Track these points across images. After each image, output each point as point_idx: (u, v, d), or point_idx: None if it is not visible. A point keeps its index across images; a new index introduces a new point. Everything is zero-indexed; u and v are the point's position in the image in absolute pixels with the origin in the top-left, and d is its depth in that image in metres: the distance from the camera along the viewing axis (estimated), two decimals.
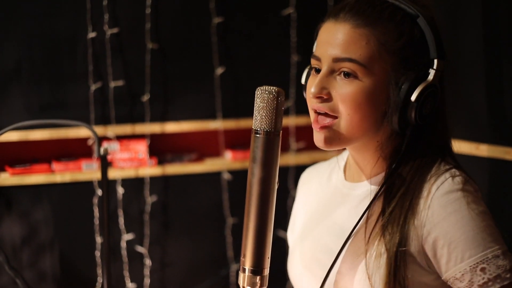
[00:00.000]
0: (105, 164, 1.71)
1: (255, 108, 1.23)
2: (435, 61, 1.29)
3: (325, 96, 1.31)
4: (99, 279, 2.10)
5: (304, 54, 2.29)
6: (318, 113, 1.33)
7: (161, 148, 2.21)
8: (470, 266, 1.24)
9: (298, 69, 2.28)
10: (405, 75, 1.28)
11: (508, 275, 1.23)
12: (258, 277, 1.23)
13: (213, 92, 2.20)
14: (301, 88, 2.24)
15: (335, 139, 1.32)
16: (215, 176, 2.24)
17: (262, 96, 1.23)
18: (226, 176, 2.23)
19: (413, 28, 1.30)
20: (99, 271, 2.10)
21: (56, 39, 2.02)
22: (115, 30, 2.06)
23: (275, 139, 1.21)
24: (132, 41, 2.10)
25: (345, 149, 1.48)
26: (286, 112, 2.29)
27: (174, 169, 2.17)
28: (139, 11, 2.09)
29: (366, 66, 1.28)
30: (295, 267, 1.48)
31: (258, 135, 1.21)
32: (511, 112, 1.86)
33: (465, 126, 1.97)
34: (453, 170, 1.30)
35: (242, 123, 2.24)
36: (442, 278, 1.28)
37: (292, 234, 1.59)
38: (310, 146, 2.37)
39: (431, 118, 1.32)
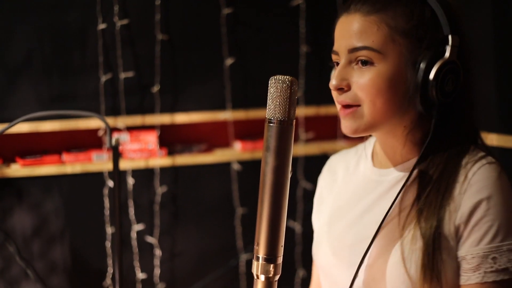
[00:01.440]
0: (117, 154, 1.72)
1: (269, 97, 1.23)
2: (449, 37, 1.30)
3: (345, 87, 1.32)
4: (109, 270, 2.11)
5: (313, 44, 2.29)
6: (343, 106, 1.35)
7: (171, 139, 2.21)
8: (484, 253, 1.25)
9: (307, 60, 2.28)
10: (421, 55, 1.29)
11: None
12: (271, 265, 1.24)
13: (223, 83, 2.21)
14: (310, 78, 2.27)
15: (361, 126, 1.34)
16: (224, 166, 2.24)
17: (276, 85, 1.24)
18: (236, 166, 2.24)
19: (423, 7, 1.31)
20: (110, 261, 2.11)
21: (66, 30, 2.03)
22: (125, 22, 2.06)
23: (288, 128, 1.21)
24: (142, 33, 2.10)
25: (371, 135, 1.50)
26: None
27: (184, 159, 2.18)
28: (149, 2, 2.09)
29: (381, 51, 1.29)
30: (323, 254, 1.48)
31: (271, 124, 1.22)
32: None
33: None
34: (489, 157, 1.31)
35: (251, 114, 2.25)
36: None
37: (318, 221, 1.59)
38: (319, 136, 2.38)
39: (456, 96, 1.32)
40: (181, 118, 2.17)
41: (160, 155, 2.15)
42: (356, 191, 1.48)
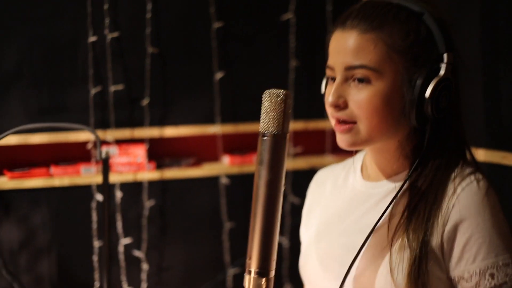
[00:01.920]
0: (107, 167, 1.72)
1: (262, 110, 1.24)
2: (445, 55, 1.31)
3: (341, 104, 1.33)
4: (96, 284, 2.10)
5: (302, 59, 2.30)
6: (339, 120, 1.36)
7: (159, 153, 2.21)
8: (480, 269, 1.27)
9: (297, 74, 2.29)
10: (417, 73, 1.31)
11: None
12: (264, 279, 1.24)
13: (212, 97, 2.21)
14: (299, 93, 2.28)
15: (357, 140, 1.35)
16: (213, 180, 2.24)
17: (270, 99, 1.24)
18: (224, 180, 2.23)
19: (419, 25, 1.32)
20: (96, 275, 2.09)
21: (56, 43, 2.02)
22: (115, 34, 2.06)
23: (282, 141, 1.22)
24: (132, 46, 2.10)
25: (359, 150, 1.51)
26: None
27: (172, 173, 2.18)
28: (140, 15, 2.09)
29: (378, 70, 1.30)
30: (310, 266, 1.49)
31: (265, 138, 1.22)
32: (507, 117, 1.88)
33: None
34: (477, 174, 1.33)
35: (240, 128, 2.25)
36: (449, 275, 1.31)
37: (306, 233, 1.60)
38: (307, 151, 2.38)
39: (448, 112, 1.34)
40: (170, 131, 2.17)
41: (149, 169, 2.14)
42: (345, 204, 1.49)
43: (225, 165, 2.25)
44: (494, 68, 1.91)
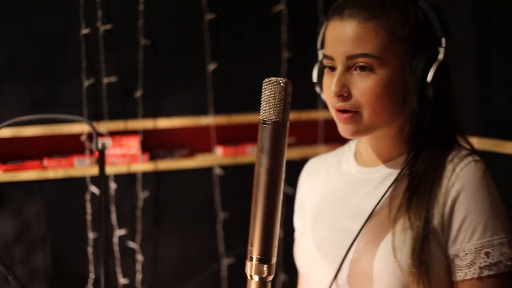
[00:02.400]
0: (103, 158, 1.72)
1: (263, 99, 1.25)
2: (443, 39, 1.33)
3: (345, 93, 1.35)
4: (91, 275, 2.10)
5: (294, 50, 2.31)
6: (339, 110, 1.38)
7: (153, 144, 2.21)
8: (476, 248, 1.30)
9: (289, 66, 2.30)
10: (417, 58, 1.33)
11: (509, 263, 1.30)
12: (265, 266, 1.25)
13: (205, 88, 2.21)
14: (293, 83, 2.28)
15: (360, 129, 1.37)
16: (206, 171, 2.25)
17: (270, 87, 1.25)
18: (218, 171, 2.24)
19: (416, 12, 1.35)
20: (91, 267, 2.10)
21: (49, 35, 2.02)
22: (108, 27, 2.06)
23: (282, 129, 1.23)
24: (125, 38, 2.10)
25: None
26: None
27: (166, 164, 2.18)
28: (132, 7, 2.09)
29: (380, 58, 1.32)
30: (306, 252, 1.50)
31: (266, 125, 1.23)
32: (499, 105, 1.90)
33: None
34: (474, 155, 1.36)
35: (233, 119, 2.26)
36: (446, 254, 1.33)
37: (301, 221, 1.61)
38: (300, 141, 2.40)
39: (446, 96, 1.36)
40: (164, 123, 2.17)
41: (143, 160, 2.15)
42: (340, 190, 1.51)
43: (218, 156, 2.26)
44: (486, 57, 1.93)
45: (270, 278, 1.26)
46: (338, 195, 1.51)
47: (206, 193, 2.26)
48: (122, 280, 2.14)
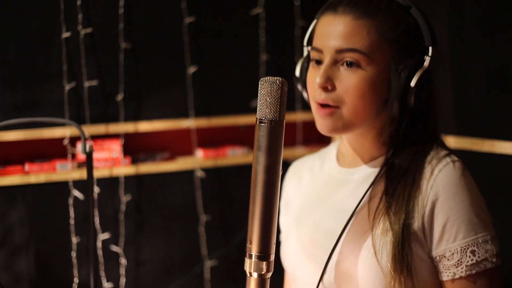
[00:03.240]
0: (91, 162, 1.72)
1: (259, 98, 1.27)
2: (430, 48, 1.37)
3: (329, 86, 1.37)
4: (75, 280, 2.09)
5: (272, 52, 2.34)
6: (321, 106, 1.40)
7: (134, 147, 2.21)
8: (461, 247, 1.33)
9: (267, 68, 2.33)
10: (403, 63, 1.36)
11: (494, 259, 1.34)
12: (264, 263, 1.27)
13: (186, 91, 2.22)
14: None
15: (339, 126, 1.39)
16: (187, 174, 2.26)
17: (266, 86, 1.28)
18: (199, 173, 2.25)
19: (407, 18, 1.38)
20: (75, 271, 2.09)
21: (30, 39, 2.01)
22: (89, 30, 2.06)
23: (279, 127, 1.26)
24: (105, 41, 2.10)
25: (331, 141, 1.55)
26: (256, 110, 2.33)
27: (148, 168, 2.19)
28: (112, 11, 2.10)
29: (368, 55, 1.35)
30: (291, 253, 1.52)
31: (263, 124, 1.26)
32: (476, 104, 1.95)
33: None
34: (452, 155, 1.39)
35: (213, 122, 2.27)
36: (430, 254, 1.37)
37: (286, 223, 1.63)
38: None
39: (426, 103, 1.40)
40: (145, 126, 2.18)
41: (124, 164, 2.15)
42: (322, 191, 1.54)
43: (199, 159, 2.27)
44: (462, 57, 1.97)
45: (269, 275, 1.28)
46: (321, 196, 1.54)
47: (187, 196, 2.26)
48: (107, 284, 2.13)
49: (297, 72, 1.53)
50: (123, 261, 2.16)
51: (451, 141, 1.99)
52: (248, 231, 1.28)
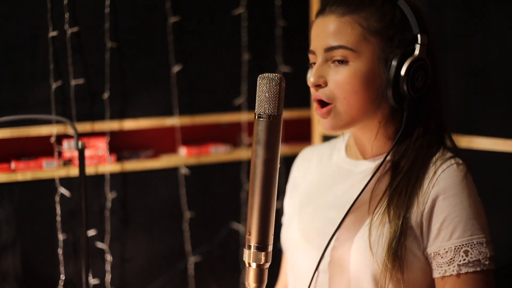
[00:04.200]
0: (83, 158, 1.75)
1: (258, 94, 1.32)
2: (419, 36, 1.42)
3: (322, 84, 1.43)
4: (62, 277, 2.11)
5: (253, 52, 2.38)
6: (319, 104, 1.46)
7: (118, 145, 2.24)
8: (455, 246, 1.38)
9: (249, 67, 2.37)
10: (393, 53, 1.41)
11: (486, 262, 1.38)
12: (263, 253, 1.32)
13: (170, 90, 2.25)
14: (252, 85, 2.35)
15: (339, 122, 1.45)
16: (171, 171, 2.29)
17: (265, 82, 1.32)
18: (184, 171, 2.28)
19: (394, 9, 1.44)
20: (62, 268, 2.10)
21: (17, 38, 2.02)
22: (75, 29, 2.08)
23: (277, 122, 1.30)
24: (91, 40, 2.12)
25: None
26: (238, 108, 2.38)
27: (132, 165, 2.21)
28: (98, 10, 2.12)
29: (355, 50, 1.41)
30: (292, 236, 1.57)
31: (261, 119, 1.30)
32: (455, 101, 2.00)
33: None
34: (457, 158, 1.44)
35: (196, 120, 2.31)
36: (425, 251, 1.41)
37: (290, 206, 1.68)
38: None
39: (426, 92, 1.44)
40: (130, 124, 2.20)
41: (110, 162, 2.17)
42: (328, 179, 1.59)
43: (183, 157, 2.31)
44: (440, 55, 2.03)
45: (267, 265, 1.33)
46: (326, 183, 1.59)
47: (171, 193, 2.30)
48: (93, 281, 2.15)
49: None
50: (108, 257, 2.18)
51: None
52: (247, 222, 1.32)
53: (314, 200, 1.58)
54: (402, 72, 1.41)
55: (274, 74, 1.30)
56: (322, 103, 1.46)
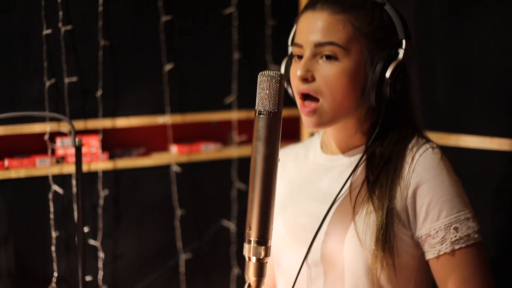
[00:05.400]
0: (80, 155, 1.76)
1: (258, 91, 1.35)
2: (403, 41, 1.48)
3: (309, 78, 1.47)
4: (55, 274, 2.12)
5: (244, 51, 2.40)
6: (303, 99, 1.49)
7: (110, 143, 2.25)
8: (445, 225, 1.43)
9: (240, 66, 2.39)
10: (378, 55, 1.47)
11: (476, 236, 1.44)
12: (262, 248, 1.35)
13: (161, 88, 2.27)
14: (242, 83, 2.37)
15: (323, 120, 1.49)
16: (163, 169, 2.31)
17: (265, 80, 1.35)
18: (175, 168, 2.30)
19: (381, 14, 1.49)
20: (55, 265, 2.12)
21: (11, 36, 2.03)
22: (69, 27, 2.09)
23: (277, 119, 1.34)
24: (85, 38, 2.14)
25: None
26: (229, 107, 2.40)
27: (125, 163, 2.23)
28: (91, 9, 2.13)
29: (345, 48, 1.45)
30: (276, 235, 1.60)
31: (262, 116, 1.33)
32: (442, 99, 2.04)
33: None
34: (431, 142, 1.50)
35: (187, 118, 2.33)
36: (415, 235, 1.46)
37: None
38: (252, 139, 2.48)
39: (402, 94, 1.50)
40: (122, 122, 2.22)
41: (102, 159, 2.19)
42: (307, 176, 1.63)
43: (174, 154, 2.32)
44: (428, 54, 2.07)
45: (267, 259, 1.35)
46: (306, 181, 1.63)
47: (163, 191, 2.31)
48: (86, 278, 2.16)
49: (282, 70, 1.61)
50: (101, 254, 2.20)
51: None
52: (247, 217, 1.35)
53: (296, 198, 1.62)
54: (387, 74, 1.46)
55: (274, 72, 1.33)
56: (306, 97, 1.49)
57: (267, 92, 1.33)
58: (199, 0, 2.33)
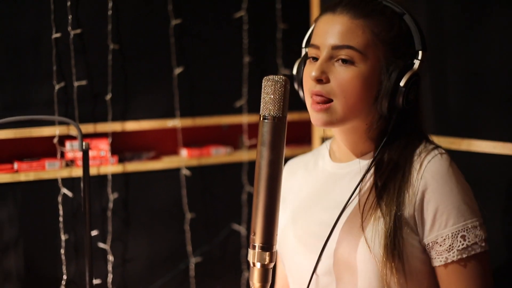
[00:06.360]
0: (87, 159, 1.76)
1: (263, 95, 1.34)
2: (420, 52, 1.47)
3: (324, 79, 1.46)
4: (64, 277, 2.12)
5: (254, 54, 2.40)
6: (315, 99, 1.48)
7: (120, 147, 2.25)
8: (452, 233, 1.42)
9: (250, 69, 2.39)
10: (394, 63, 1.45)
11: (483, 244, 1.43)
12: (267, 253, 1.34)
13: (171, 92, 2.27)
14: (253, 87, 2.37)
15: (332, 119, 1.48)
16: (173, 173, 2.30)
17: (270, 84, 1.34)
18: (185, 172, 2.30)
19: (400, 23, 1.48)
20: (64, 268, 2.12)
21: (21, 39, 2.04)
22: (78, 31, 2.10)
23: (282, 124, 1.33)
24: (94, 42, 2.14)
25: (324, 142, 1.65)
26: (239, 111, 2.40)
27: (134, 166, 2.23)
28: (101, 12, 2.14)
29: (362, 53, 1.44)
30: (288, 244, 1.59)
31: (266, 121, 1.32)
32: (454, 104, 2.03)
33: None
34: (440, 148, 1.49)
35: (197, 121, 2.33)
36: (423, 242, 1.45)
37: (282, 217, 1.69)
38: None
39: (413, 104, 1.49)
40: (132, 125, 2.22)
41: (112, 163, 2.19)
42: (317, 185, 1.62)
43: (184, 158, 2.32)
44: (440, 59, 2.05)
45: (272, 265, 1.35)
46: (316, 190, 1.62)
47: (173, 194, 2.31)
48: (94, 281, 2.17)
49: (294, 71, 1.61)
50: (110, 258, 2.20)
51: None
52: (251, 222, 1.34)
53: (307, 207, 1.61)
54: (402, 83, 1.45)
55: (279, 76, 1.32)
56: (318, 97, 1.48)
57: (272, 96, 1.32)
58: (209, 3, 2.33)
